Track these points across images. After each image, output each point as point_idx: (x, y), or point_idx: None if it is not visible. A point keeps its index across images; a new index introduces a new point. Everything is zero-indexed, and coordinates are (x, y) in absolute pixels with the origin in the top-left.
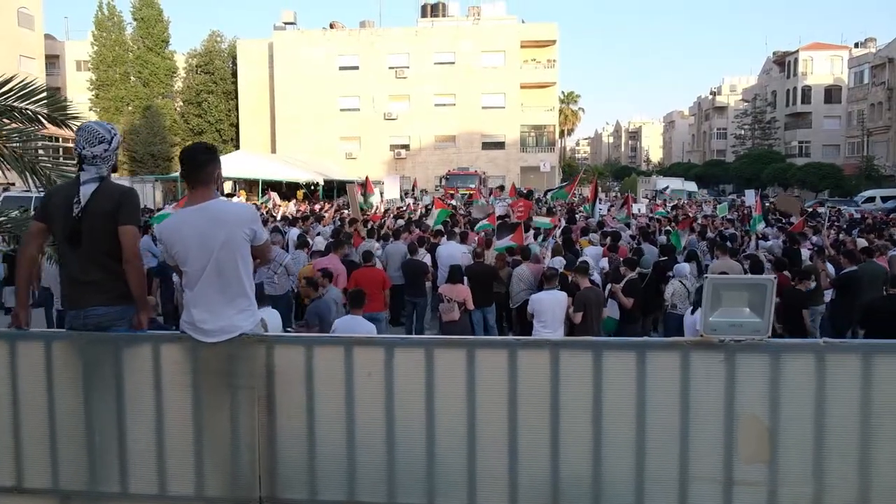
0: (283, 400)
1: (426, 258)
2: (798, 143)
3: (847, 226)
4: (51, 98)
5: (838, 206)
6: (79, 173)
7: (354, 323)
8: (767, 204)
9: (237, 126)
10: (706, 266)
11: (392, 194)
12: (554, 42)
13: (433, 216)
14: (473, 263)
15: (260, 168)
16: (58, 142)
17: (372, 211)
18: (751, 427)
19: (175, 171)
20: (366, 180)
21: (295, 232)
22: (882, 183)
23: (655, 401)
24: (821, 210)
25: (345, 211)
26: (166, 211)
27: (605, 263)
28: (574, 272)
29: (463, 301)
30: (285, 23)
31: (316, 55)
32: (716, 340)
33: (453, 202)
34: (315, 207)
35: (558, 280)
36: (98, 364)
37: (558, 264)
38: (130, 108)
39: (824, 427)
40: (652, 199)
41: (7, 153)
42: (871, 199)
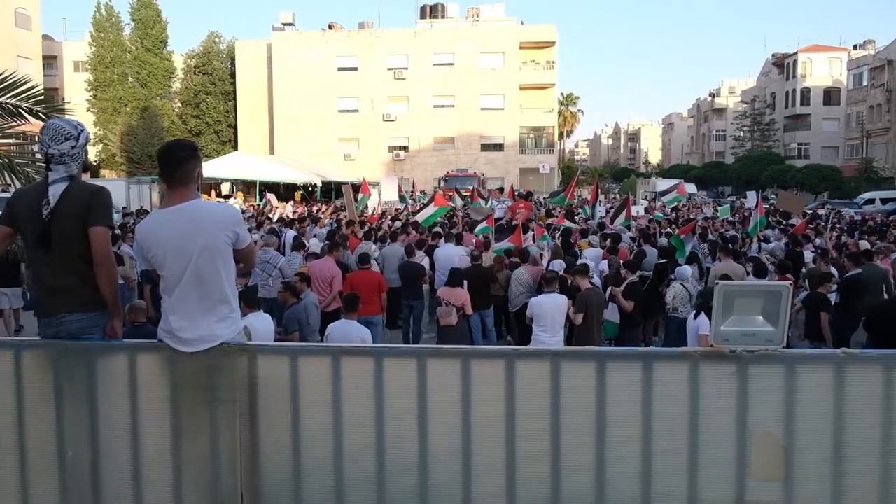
0: (267, 413)
1: (424, 261)
2: (797, 145)
3: (848, 228)
4: (31, 91)
5: (838, 208)
6: (47, 173)
7: (348, 328)
8: (767, 205)
9: (235, 127)
10: (707, 269)
11: (390, 196)
12: (553, 43)
13: (425, 214)
14: (471, 266)
15: (258, 169)
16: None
17: (368, 212)
18: (764, 443)
19: None
20: (362, 182)
21: (291, 234)
22: (881, 185)
23: (662, 415)
24: (821, 212)
25: (342, 213)
26: None
27: (605, 266)
28: (574, 274)
29: (461, 305)
30: (284, 24)
31: (314, 56)
32: (727, 351)
33: (451, 204)
34: (313, 209)
35: (558, 283)
36: (71, 375)
37: (558, 267)
38: (128, 109)
39: (843, 444)
40: (651, 202)
41: None
42: (871, 202)
